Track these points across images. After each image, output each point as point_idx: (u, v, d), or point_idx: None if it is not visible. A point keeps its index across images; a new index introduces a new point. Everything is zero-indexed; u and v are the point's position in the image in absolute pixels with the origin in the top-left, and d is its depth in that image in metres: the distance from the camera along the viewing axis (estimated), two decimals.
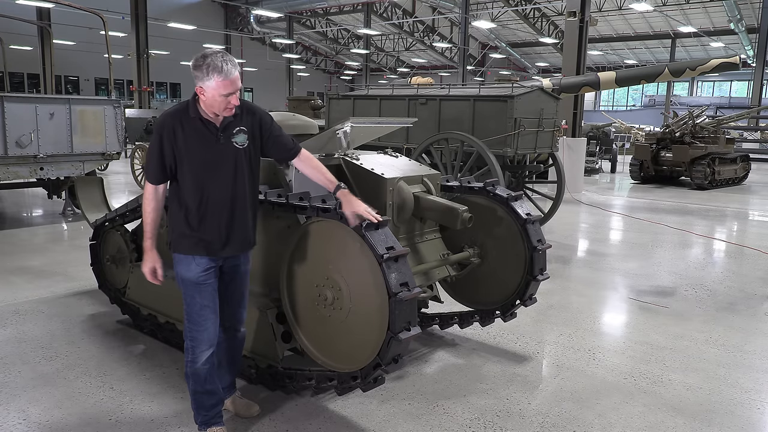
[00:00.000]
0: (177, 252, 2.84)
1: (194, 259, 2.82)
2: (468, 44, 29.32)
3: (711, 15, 34.22)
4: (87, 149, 8.62)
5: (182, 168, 2.76)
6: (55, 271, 6.19)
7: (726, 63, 10.34)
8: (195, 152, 2.74)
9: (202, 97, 2.69)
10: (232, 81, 2.64)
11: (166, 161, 2.75)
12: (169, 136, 2.72)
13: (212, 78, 2.61)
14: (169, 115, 2.77)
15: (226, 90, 2.64)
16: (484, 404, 3.53)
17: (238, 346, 3.21)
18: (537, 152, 8.76)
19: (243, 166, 2.85)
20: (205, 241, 2.81)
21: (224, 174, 2.80)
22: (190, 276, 2.83)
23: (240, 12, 41.52)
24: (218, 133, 2.77)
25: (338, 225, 3.00)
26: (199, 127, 2.74)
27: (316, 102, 14.10)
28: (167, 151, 2.73)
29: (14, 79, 31.80)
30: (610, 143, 19.98)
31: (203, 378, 2.93)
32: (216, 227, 2.82)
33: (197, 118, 2.74)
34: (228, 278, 2.99)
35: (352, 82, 53.07)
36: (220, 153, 2.78)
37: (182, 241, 2.82)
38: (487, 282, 4.22)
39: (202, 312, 2.86)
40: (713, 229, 9.80)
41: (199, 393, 2.96)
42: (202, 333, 2.87)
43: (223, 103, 2.68)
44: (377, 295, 2.86)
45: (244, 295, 3.10)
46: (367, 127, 4.07)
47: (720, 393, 3.76)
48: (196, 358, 2.89)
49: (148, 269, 2.85)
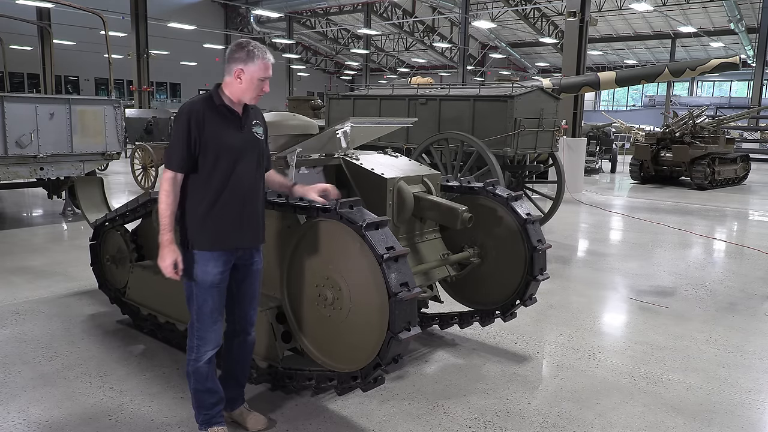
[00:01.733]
0: (196, 248, 2.79)
1: (212, 256, 2.79)
2: (468, 44, 29.33)
3: (711, 15, 34.22)
4: (87, 149, 8.61)
5: (206, 155, 2.74)
6: (55, 271, 6.19)
7: (726, 63, 10.34)
8: (223, 138, 2.75)
9: (236, 81, 2.74)
10: (270, 66, 2.78)
11: (191, 147, 2.71)
12: (198, 120, 2.71)
13: (256, 60, 2.71)
14: (195, 102, 2.78)
15: (266, 73, 2.75)
16: (484, 404, 3.53)
17: (248, 352, 3.13)
18: (537, 152, 8.76)
19: (262, 157, 2.93)
20: (224, 232, 2.79)
21: (249, 161, 2.83)
22: (207, 278, 2.80)
23: (240, 12, 41.55)
24: (242, 122, 2.83)
25: (338, 225, 3.00)
26: (225, 114, 2.79)
27: (316, 102, 14.09)
28: (194, 136, 2.71)
29: (14, 79, 31.81)
30: (610, 143, 19.98)
31: (205, 376, 2.91)
32: (236, 216, 2.81)
33: (222, 105, 2.78)
34: (241, 276, 2.96)
35: (352, 82, 53.08)
36: (245, 141, 2.83)
37: (201, 235, 2.78)
38: (487, 282, 4.22)
39: (213, 314, 2.85)
40: (713, 229, 9.80)
41: (201, 391, 2.94)
42: (210, 333, 2.86)
43: (258, 88, 2.77)
44: (377, 295, 2.86)
45: (255, 296, 3.06)
46: (367, 127, 4.08)
47: (720, 393, 3.76)
48: (201, 356, 2.87)
49: (168, 264, 2.73)
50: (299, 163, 3.74)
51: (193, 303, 2.86)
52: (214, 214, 2.77)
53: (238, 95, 2.78)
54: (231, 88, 2.78)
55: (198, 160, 2.75)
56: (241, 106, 2.84)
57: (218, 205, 2.77)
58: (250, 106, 2.90)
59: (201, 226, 2.78)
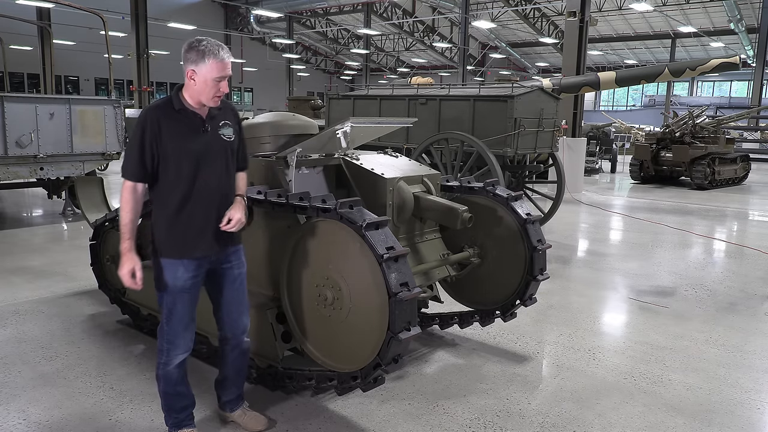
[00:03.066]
0: (164, 257, 2.73)
1: (182, 263, 2.73)
2: (468, 44, 29.33)
3: (711, 15, 34.21)
4: (87, 149, 8.61)
5: (167, 163, 2.65)
6: (55, 271, 6.19)
7: (726, 63, 10.34)
8: (183, 144, 2.66)
9: (191, 83, 2.64)
10: (225, 65, 2.63)
11: (146, 156, 2.63)
12: (153, 128, 2.62)
13: (207, 60, 2.59)
14: (152, 108, 2.68)
15: (219, 73, 2.61)
16: (484, 404, 3.53)
17: (244, 357, 3.08)
18: (537, 152, 8.76)
19: (230, 159, 2.83)
20: (192, 239, 2.73)
21: (215, 165, 2.74)
22: (177, 283, 2.74)
23: (240, 12, 41.52)
24: (204, 124, 2.72)
25: (338, 225, 3.00)
26: (184, 119, 2.68)
27: (316, 102, 14.09)
28: (149, 145, 2.62)
29: (14, 79, 31.79)
30: (610, 143, 19.99)
31: (175, 380, 2.87)
32: (205, 221, 2.74)
33: (182, 109, 2.68)
34: (221, 281, 2.90)
35: (352, 82, 53.07)
36: (209, 144, 2.73)
37: (169, 243, 2.73)
38: (487, 282, 4.22)
39: (182, 318, 2.80)
40: (713, 229, 9.79)
41: (170, 395, 2.90)
42: (179, 338, 2.81)
43: (213, 89, 2.64)
44: (377, 295, 2.86)
45: (243, 302, 2.99)
46: (367, 127, 4.07)
47: (720, 393, 3.76)
48: (170, 360, 2.83)
49: (126, 272, 2.65)
50: (299, 163, 3.73)
51: (162, 307, 2.80)
52: (180, 222, 2.71)
53: (195, 97, 2.67)
54: (188, 90, 2.68)
55: (159, 168, 2.67)
56: (204, 109, 2.72)
57: (184, 213, 2.71)
58: (218, 107, 2.77)
59: (168, 233, 2.73)
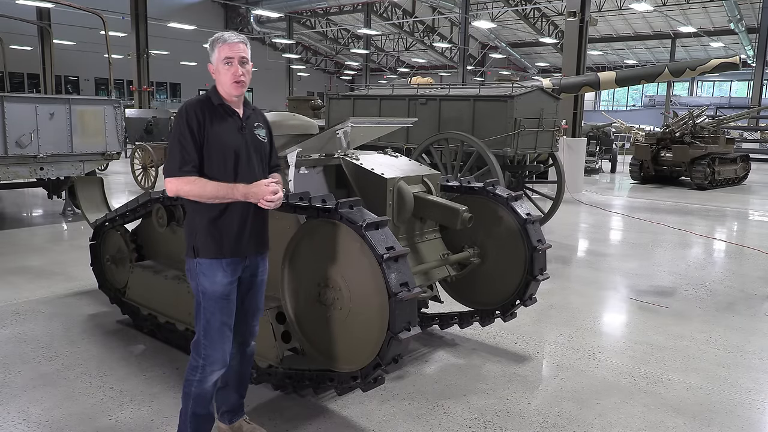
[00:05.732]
0: (203, 257, 2.65)
1: (221, 265, 2.66)
2: (468, 44, 29.32)
3: (711, 15, 34.21)
4: (87, 149, 8.62)
5: (210, 157, 2.61)
6: (55, 271, 6.19)
7: (726, 63, 10.35)
8: (226, 138, 2.64)
9: (215, 77, 2.66)
10: (231, 45, 2.61)
11: (197, 146, 2.58)
12: (198, 118, 2.59)
13: (215, 48, 2.63)
14: (193, 104, 2.65)
15: (226, 53, 2.60)
16: (484, 404, 3.53)
17: (248, 362, 3.03)
18: (537, 152, 8.76)
19: (264, 160, 2.82)
20: (231, 238, 2.66)
21: (252, 163, 2.73)
22: (216, 288, 2.65)
23: (240, 12, 41.51)
24: (242, 123, 2.72)
25: (338, 225, 3.00)
26: (223, 114, 2.67)
27: (316, 102, 14.08)
28: (197, 134, 2.58)
29: (14, 79, 31.79)
30: (610, 143, 20.00)
31: (209, 400, 2.75)
32: (242, 222, 2.68)
33: (221, 104, 2.68)
34: (246, 288, 2.84)
35: (352, 82, 53.06)
36: (247, 142, 2.72)
37: (207, 242, 2.64)
38: (487, 282, 4.22)
39: (222, 329, 2.69)
40: (713, 229, 9.80)
41: (200, 416, 2.74)
42: (217, 352, 2.69)
43: (229, 73, 2.61)
44: (377, 295, 2.86)
45: (259, 308, 2.95)
46: (367, 127, 4.08)
47: (720, 393, 3.76)
48: (206, 377, 2.70)
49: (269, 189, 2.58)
50: (299, 163, 3.74)
51: (200, 318, 2.69)
52: (220, 220, 2.64)
53: (222, 89, 2.66)
54: (217, 86, 2.69)
55: (203, 164, 2.61)
56: (240, 106, 2.72)
57: (224, 211, 2.64)
58: (251, 108, 2.80)
59: (207, 232, 2.65)
